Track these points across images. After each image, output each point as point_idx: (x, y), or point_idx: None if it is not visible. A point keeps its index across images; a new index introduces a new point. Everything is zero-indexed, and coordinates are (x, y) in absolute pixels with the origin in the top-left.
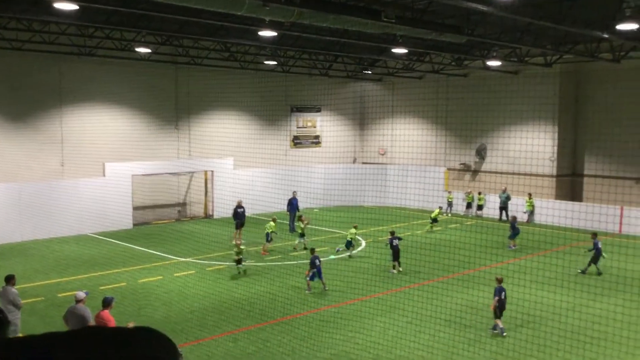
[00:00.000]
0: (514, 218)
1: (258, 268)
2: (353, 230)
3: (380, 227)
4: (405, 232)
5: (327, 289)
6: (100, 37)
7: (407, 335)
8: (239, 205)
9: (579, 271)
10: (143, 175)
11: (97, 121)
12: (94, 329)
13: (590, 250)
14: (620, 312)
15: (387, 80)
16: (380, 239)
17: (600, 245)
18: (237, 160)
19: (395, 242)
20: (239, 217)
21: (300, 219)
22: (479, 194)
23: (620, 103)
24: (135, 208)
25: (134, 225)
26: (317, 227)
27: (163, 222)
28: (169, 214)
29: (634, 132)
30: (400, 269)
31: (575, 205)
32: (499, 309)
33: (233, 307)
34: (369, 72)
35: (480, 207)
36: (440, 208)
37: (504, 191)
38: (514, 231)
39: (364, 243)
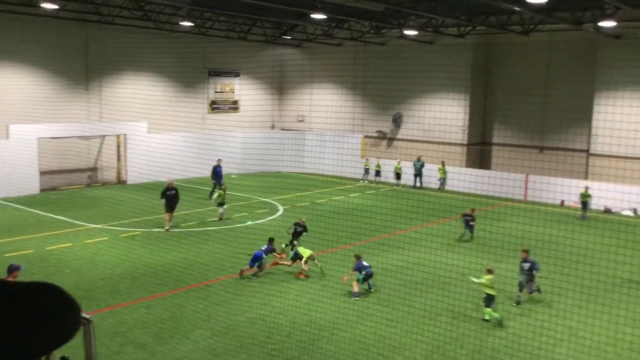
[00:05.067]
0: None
1: (174, 234)
2: None
3: (299, 193)
4: (322, 198)
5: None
6: None
7: (323, 298)
8: (170, 187)
9: None
10: (50, 138)
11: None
12: None
13: None
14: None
15: (306, 46)
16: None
17: None
18: (151, 125)
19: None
20: (167, 199)
21: (220, 187)
22: (377, 158)
23: (527, 75)
24: (42, 173)
25: (41, 190)
26: (235, 194)
27: (72, 187)
28: (79, 179)
29: (539, 102)
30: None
31: (484, 172)
32: (526, 282)
33: (147, 273)
34: (288, 37)
35: (378, 173)
36: None
37: (419, 159)
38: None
39: (281, 209)
